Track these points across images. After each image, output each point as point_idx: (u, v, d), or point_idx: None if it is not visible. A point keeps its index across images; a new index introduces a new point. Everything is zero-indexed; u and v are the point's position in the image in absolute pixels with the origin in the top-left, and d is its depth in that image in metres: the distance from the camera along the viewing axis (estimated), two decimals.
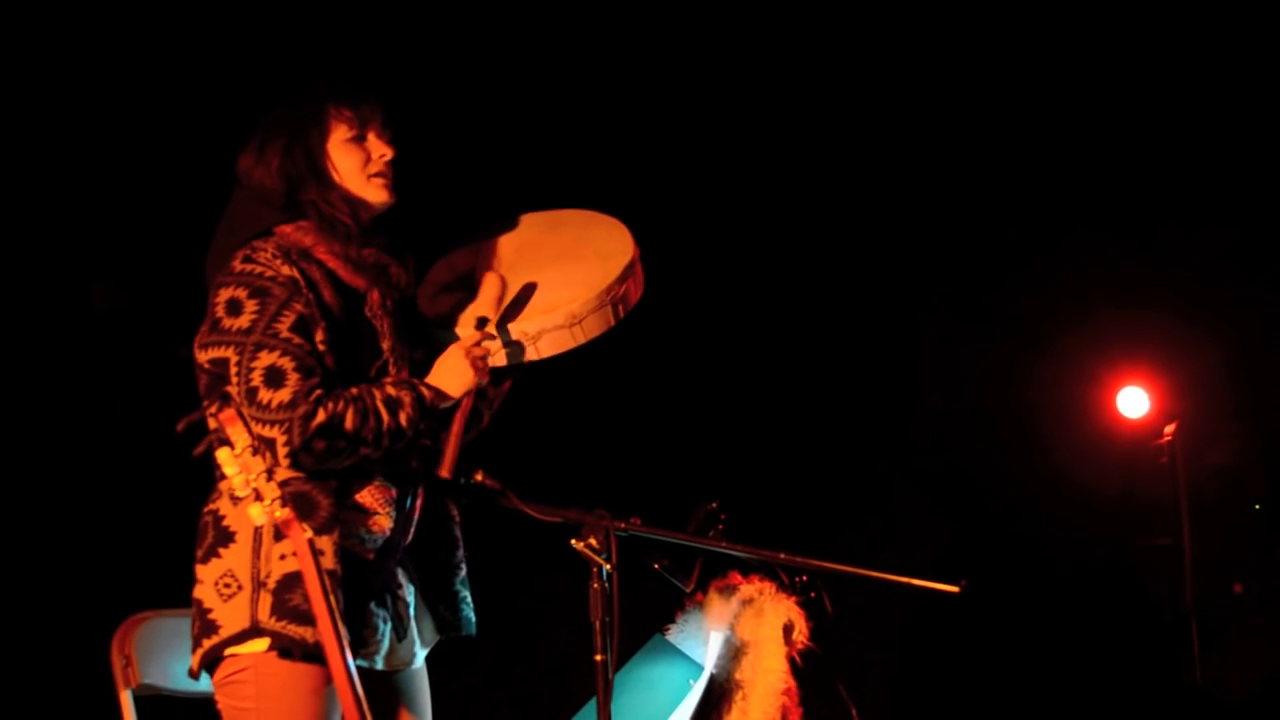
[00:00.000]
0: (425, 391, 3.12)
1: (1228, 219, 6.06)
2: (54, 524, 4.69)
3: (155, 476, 4.16)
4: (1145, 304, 6.12)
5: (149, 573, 3.65)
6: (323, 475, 3.04)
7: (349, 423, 3.00)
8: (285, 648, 3.00)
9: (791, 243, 6.03)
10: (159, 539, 3.56)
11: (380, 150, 3.23)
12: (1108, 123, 6.06)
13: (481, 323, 3.22)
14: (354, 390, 3.05)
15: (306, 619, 2.96)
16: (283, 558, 3.00)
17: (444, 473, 3.15)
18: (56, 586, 4.65)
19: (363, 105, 3.24)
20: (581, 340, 3.27)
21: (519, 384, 3.36)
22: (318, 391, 2.99)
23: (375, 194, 3.22)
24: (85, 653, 3.66)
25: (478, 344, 3.19)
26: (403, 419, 3.07)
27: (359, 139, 3.22)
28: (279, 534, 2.97)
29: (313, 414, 2.97)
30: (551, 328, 3.25)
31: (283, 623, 2.99)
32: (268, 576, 3.01)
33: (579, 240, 3.41)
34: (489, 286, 3.26)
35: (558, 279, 3.32)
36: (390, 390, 3.08)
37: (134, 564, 4.38)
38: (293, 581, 2.98)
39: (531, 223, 3.50)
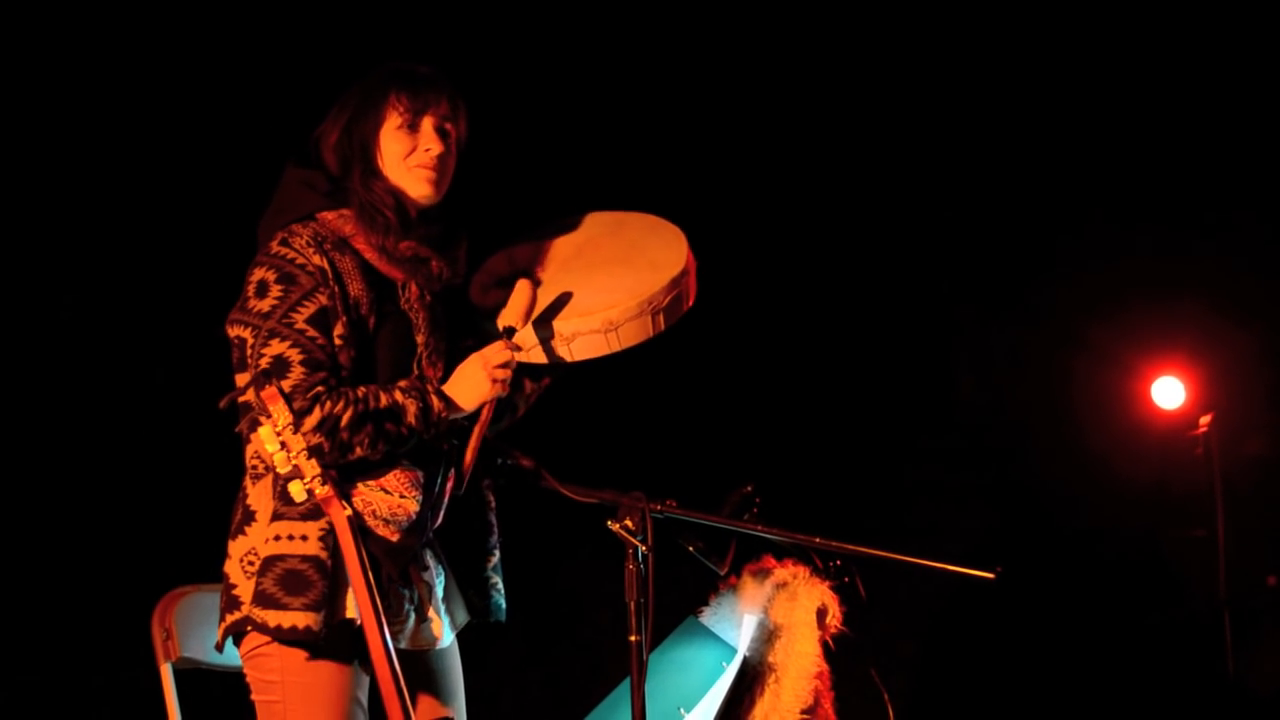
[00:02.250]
0: (435, 401, 3.07)
1: (1263, 208, 6.03)
2: (98, 497, 4.73)
3: (199, 451, 4.19)
4: (1180, 294, 6.10)
5: (191, 547, 3.68)
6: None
7: (345, 423, 2.97)
8: (259, 630, 2.99)
9: (827, 231, 6.03)
10: (201, 513, 3.58)
11: (428, 143, 3.14)
12: (1144, 113, 6.04)
13: (507, 333, 3.15)
14: (360, 390, 3.02)
15: (272, 603, 2.97)
16: (267, 540, 3.00)
17: (459, 486, 3.16)
18: (99, 560, 4.69)
19: (423, 93, 3.15)
20: (617, 348, 3.22)
21: (557, 368, 3.32)
22: (319, 388, 2.97)
23: (415, 186, 3.15)
24: (127, 626, 3.70)
25: (500, 353, 3.12)
26: (404, 428, 3.04)
27: (411, 126, 3.14)
28: (276, 515, 3.00)
29: (308, 410, 2.94)
30: (587, 331, 3.19)
31: (254, 608, 2.99)
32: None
33: (635, 246, 3.35)
34: (520, 295, 3.18)
35: (605, 283, 3.26)
36: (398, 396, 3.04)
37: (176, 538, 4.41)
38: (268, 565, 2.99)
39: (597, 222, 3.44)
